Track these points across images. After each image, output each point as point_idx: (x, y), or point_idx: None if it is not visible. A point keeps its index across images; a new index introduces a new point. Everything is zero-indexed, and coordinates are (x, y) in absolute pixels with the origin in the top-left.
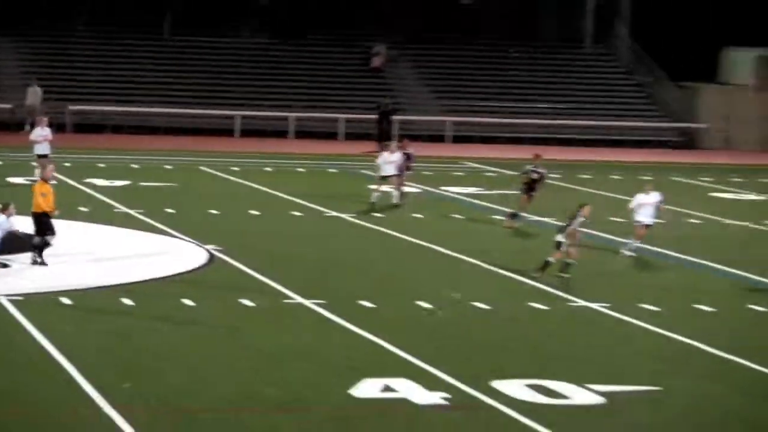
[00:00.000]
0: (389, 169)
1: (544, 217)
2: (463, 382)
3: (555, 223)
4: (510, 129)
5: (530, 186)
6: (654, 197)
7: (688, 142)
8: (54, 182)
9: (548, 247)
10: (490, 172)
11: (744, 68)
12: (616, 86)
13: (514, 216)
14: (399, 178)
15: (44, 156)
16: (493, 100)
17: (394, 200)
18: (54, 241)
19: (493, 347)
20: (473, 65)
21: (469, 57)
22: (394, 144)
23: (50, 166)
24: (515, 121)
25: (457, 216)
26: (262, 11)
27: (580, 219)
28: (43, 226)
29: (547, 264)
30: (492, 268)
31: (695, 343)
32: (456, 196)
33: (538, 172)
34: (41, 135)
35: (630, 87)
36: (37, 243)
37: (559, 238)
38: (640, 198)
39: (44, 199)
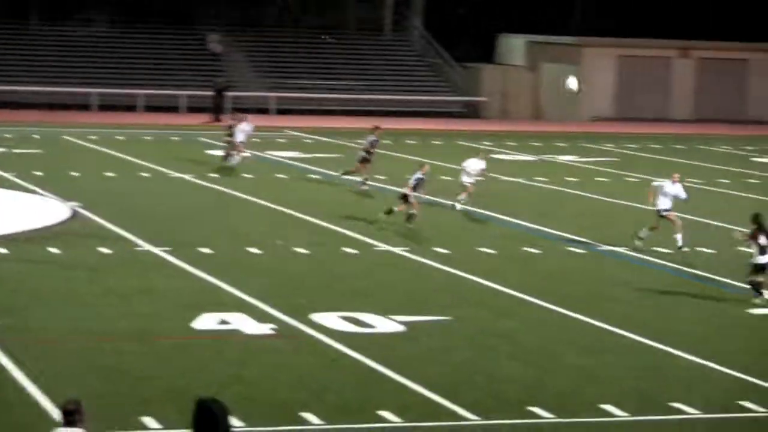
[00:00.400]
0: (240, 137)
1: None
2: (287, 314)
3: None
4: (324, 102)
5: (369, 153)
6: (480, 165)
7: (471, 112)
8: None
9: (350, 199)
10: (308, 139)
11: (516, 51)
12: (410, 67)
13: (364, 183)
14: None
15: None
16: (310, 78)
17: (234, 162)
18: None
19: (311, 286)
20: (293, 49)
21: (290, 43)
22: (246, 116)
23: None
24: (328, 96)
25: (281, 176)
26: (115, 3)
27: (420, 176)
28: None
29: (391, 211)
30: (310, 218)
31: (480, 280)
32: (280, 159)
33: (377, 141)
34: None
35: (422, 67)
36: None
37: (405, 191)
38: (470, 164)
39: None
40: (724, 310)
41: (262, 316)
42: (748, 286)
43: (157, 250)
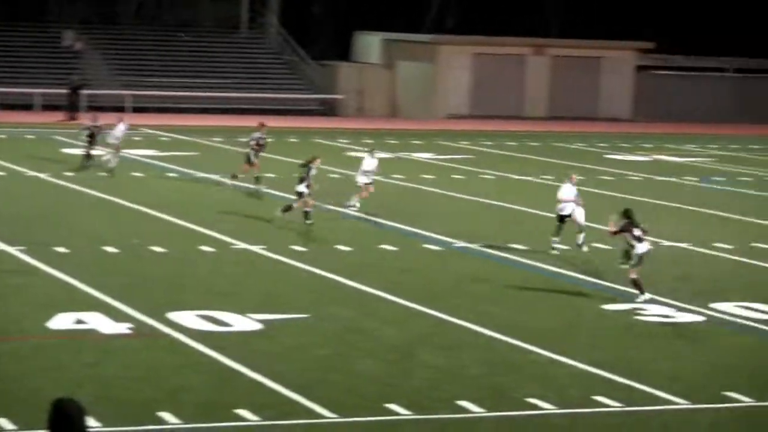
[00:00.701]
0: (114, 138)
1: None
2: (144, 313)
3: (226, 182)
4: (180, 100)
5: (257, 152)
6: (374, 163)
7: (327, 110)
8: None
9: (209, 197)
10: (164, 137)
11: (372, 49)
12: (267, 64)
13: (258, 187)
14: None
15: None
16: (166, 76)
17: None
18: None
19: (168, 284)
20: (149, 47)
21: (147, 40)
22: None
23: None
24: (184, 94)
25: (137, 174)
26: None
27: (313, 170)
28: None
29: (289, 207)
30: (167, 216)
31: (338, 278)
32: (136, 157)
33: (263, 138)
34: None
35: (278, 65)
36: None
37: (300, 188)
38: (366, 163)
39: None
40: (581, 306)
41: (119, 316)
42: (608, 284)
43: (12, 250)
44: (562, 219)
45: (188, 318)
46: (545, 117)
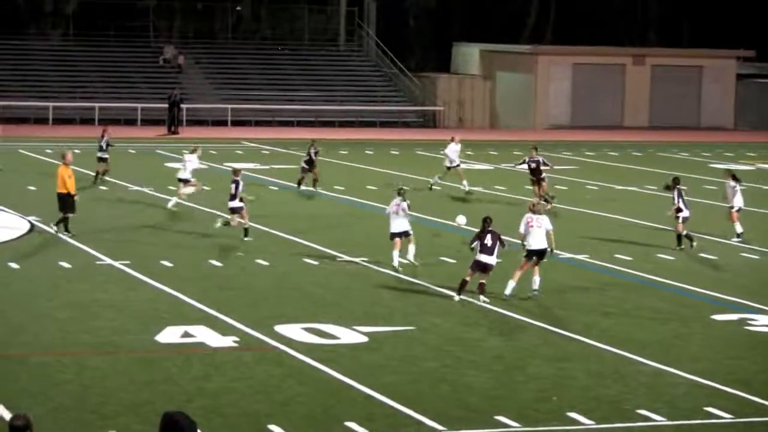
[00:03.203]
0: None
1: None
2: (250, 327)
3: (326, 193)
4: (280, 113)
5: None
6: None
7: (428, 122)
8: None
9: (314, 206)
10: (265, 150)
11: (471, 60)
12: (366, 77)
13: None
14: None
15: None
16: (265, 89)
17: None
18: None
19: (273, 297)
20: (248, 61)
21: (245, 54)
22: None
23: (70, 153)
24: (284, 107)
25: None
26: (67, 16)
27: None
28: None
29: (227, 223)
30: (270, 230)
31: (442, 290)
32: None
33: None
34: None
35: (377, 77)
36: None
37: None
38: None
39: (70, 180)
40: (689, 316)
41: (225, 329)
42: (716, 294)
43: (117, 264)
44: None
45: (294, 331)
46: (646, 127)
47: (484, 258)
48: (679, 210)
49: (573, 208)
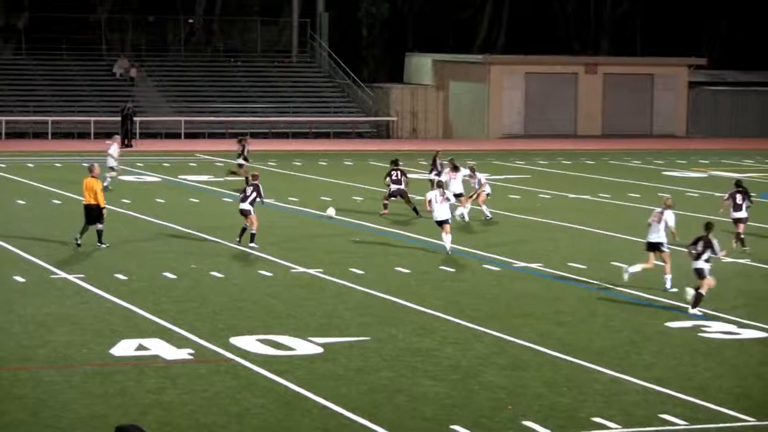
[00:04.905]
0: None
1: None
2: (205, 339)
3: (280, 204)
4: (232, 125)
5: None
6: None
7: (381, 132)
8: None
9: (270, 222)
10: (218, 162)
11: (424, 70)
12: (318, 88)
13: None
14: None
15: None
16: (219, 101)
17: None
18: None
19: (228, 309)
20: (201, 73)
21: (198, 67)
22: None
23: (97, 166)
24: (237, 119)
25: (193, 200)
26: (20, 33)
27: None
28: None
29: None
30: (225, 242)
31: (397, 300)
32: (191, 183)
33: None
34: None
35: (330, 88)
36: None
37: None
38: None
39: (101, 194)
40: (643, 323)
41: (180, 341)
42: (668, 301)
43: (71, 277)
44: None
45: (250, 342)
46: (599, 135)
47: (697, 264)
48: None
49: (526, 217)
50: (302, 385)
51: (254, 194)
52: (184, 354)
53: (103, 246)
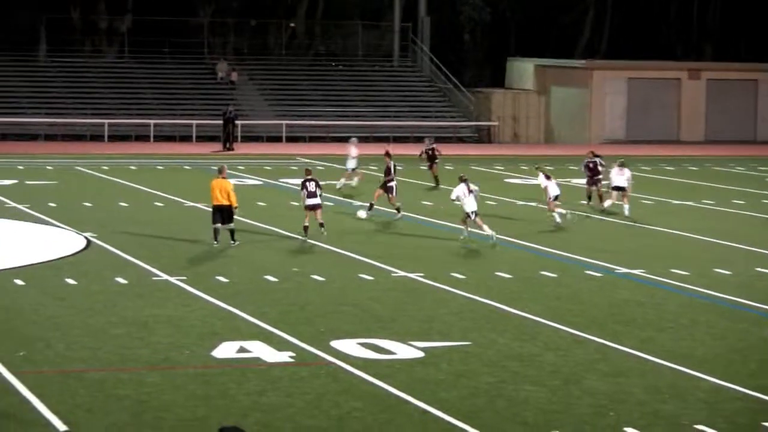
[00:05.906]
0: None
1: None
2: (305, 342)
3: (381, 209)
4: (334, 129)
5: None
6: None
7: (482, 137)
8: None
9: (369, 222)
10: (320, 166)
11: (526, 75)
12: (420, 92)
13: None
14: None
15: None
16: (320, 105)
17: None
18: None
19: (329, 312)
20: (302, 77)
21: (299, 70)
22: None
23: (226, 167)
24: (338, 123)
25: (294, 203)
26: (122, 34)
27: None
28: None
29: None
30: (326, 246)
31: (498, 305)
32: (292, 186)
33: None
34: None
35: (431, 93)
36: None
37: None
38: (460, 189)
39: (233, 194)
40: (745, 331)
41: (281, 344)
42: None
43: (173, 279)
44: None
45: (350, 346)
46: (702, 141)
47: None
48: None
49: (628, 223)
50: (403, 389)
51: (318, 189)
52: (285, 357)
53: (235, 243)
